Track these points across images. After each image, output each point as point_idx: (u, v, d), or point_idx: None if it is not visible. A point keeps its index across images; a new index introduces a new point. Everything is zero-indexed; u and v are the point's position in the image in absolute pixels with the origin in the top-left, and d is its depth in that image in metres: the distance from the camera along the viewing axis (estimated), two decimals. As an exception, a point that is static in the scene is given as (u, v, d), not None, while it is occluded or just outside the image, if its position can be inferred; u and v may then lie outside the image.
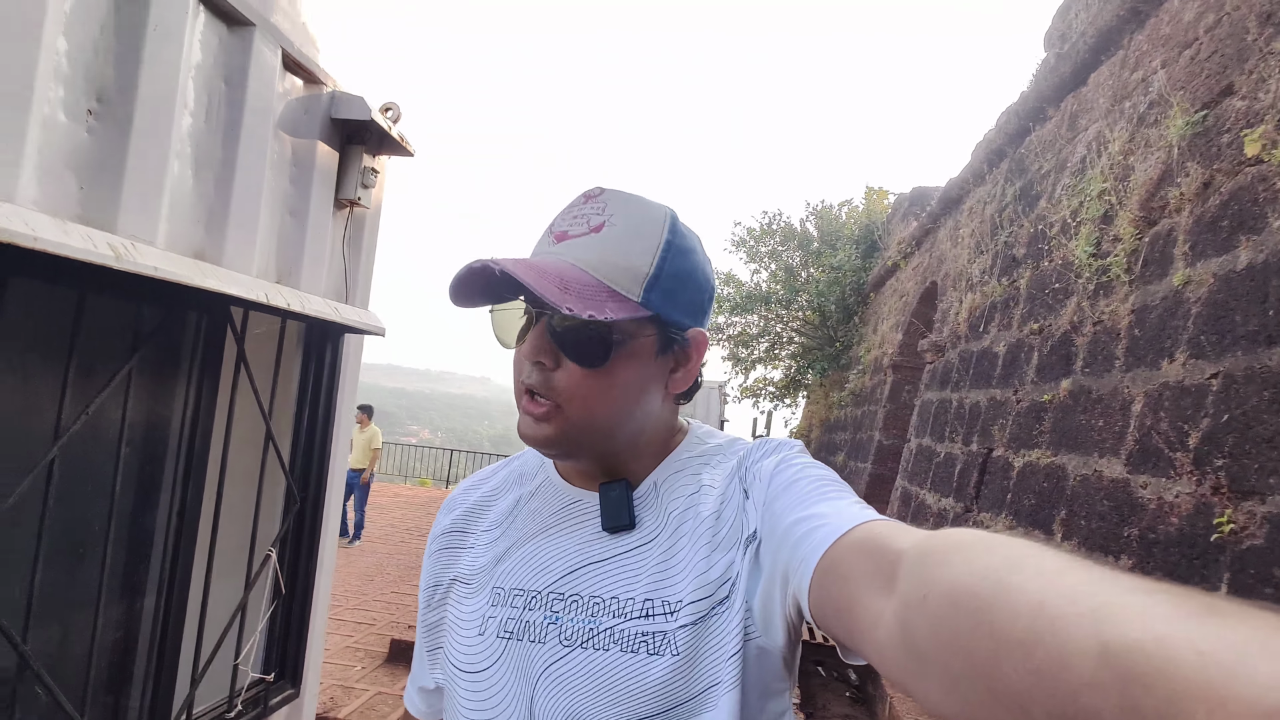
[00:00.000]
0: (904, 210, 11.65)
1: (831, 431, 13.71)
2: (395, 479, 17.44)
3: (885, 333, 10.84)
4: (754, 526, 0.68)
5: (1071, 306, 4.19)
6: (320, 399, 2.16)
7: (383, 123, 2.20)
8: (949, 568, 0.41)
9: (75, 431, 1.35)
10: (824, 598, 0.55)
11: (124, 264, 1.29)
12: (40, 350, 1.38)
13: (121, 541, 1.56)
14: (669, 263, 0.69)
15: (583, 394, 0.68)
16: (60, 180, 1.36)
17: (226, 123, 1.75)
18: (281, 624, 2.08)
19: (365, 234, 2.36)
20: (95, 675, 1.49)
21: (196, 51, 1.65)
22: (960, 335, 6.35)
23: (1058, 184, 4.98)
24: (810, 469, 0.69)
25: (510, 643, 0.70)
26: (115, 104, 1.45)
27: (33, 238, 1.12)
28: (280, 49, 1.88)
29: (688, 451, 0.78)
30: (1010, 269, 5.49)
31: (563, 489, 0.77)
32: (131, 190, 1.47)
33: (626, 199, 0.70)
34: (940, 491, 5.75)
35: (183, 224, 1.65)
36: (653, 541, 0.71)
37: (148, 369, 1.55)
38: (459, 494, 0.86)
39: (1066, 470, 3.75)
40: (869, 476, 9.82)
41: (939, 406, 6.55)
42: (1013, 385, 4.81)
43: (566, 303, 0.62)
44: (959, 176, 7.68)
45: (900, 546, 0.49)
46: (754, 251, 15.25)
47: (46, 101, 1.30)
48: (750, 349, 15.81)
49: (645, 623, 0.67)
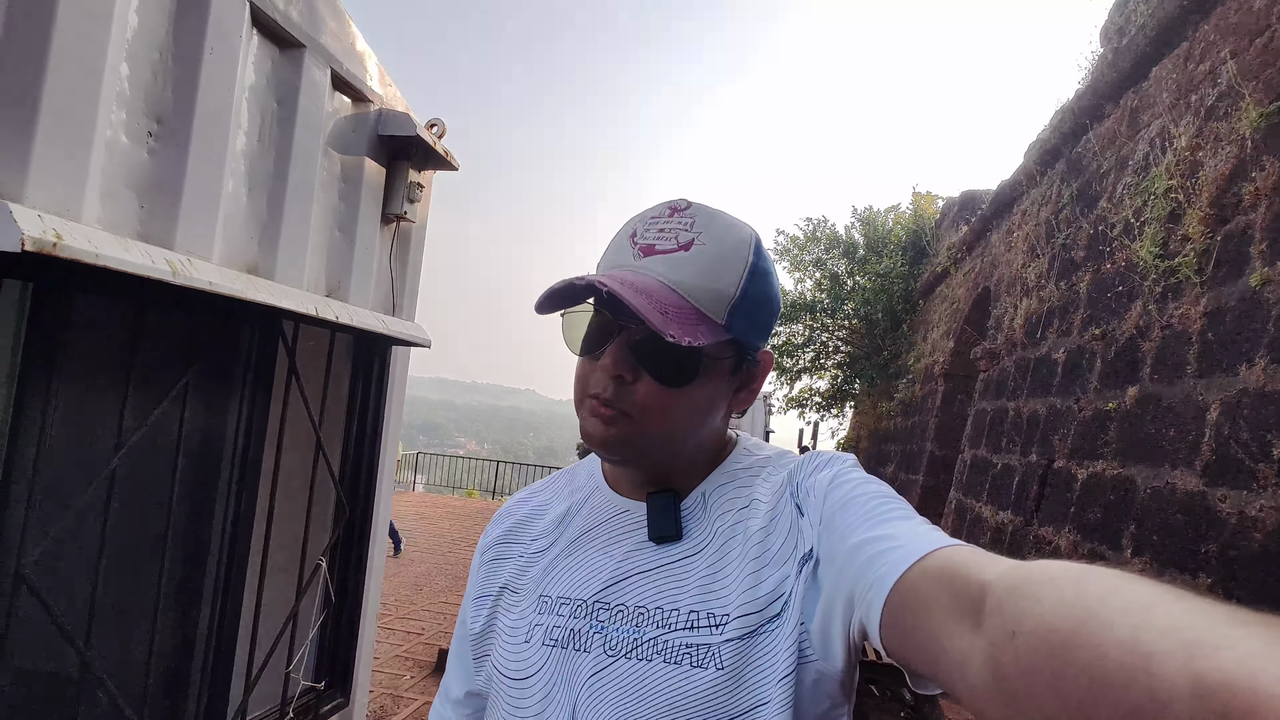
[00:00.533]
0: (953, 215, 11.36)
1: (881, 442, 13.39)
2: (443, 490, 17.73)
3: (936, 340, 10.55)
4: (810, 545, 0.66)
5: (1137, 310, 4.00)
6: (369, 410, 2.19)
7: (428, 138, 2.24)
8: (1038, 603, 0.40)
9: (135, 442, 1.39)
10: (900, 627, 0.53)
11: (181, 279, 1.33)
12: (102, 363, 1.43)
13: (179, 550, 1.60)
14: (751, 286, 0.69)
15: (658, 410, 0.68)
16: (122, 200, 1.41)
17: (278, 141, 1.80)
18: (331, 633, 2.11)
19: (411, 248, 2.40)
20: (154, 680, 1.52)
21: (250, 73, 1.71)
22: (1016, 342, 6.13)
23: (1119, 183, 4.77)
24: (866, 484, 0.67)
25: (555, 650, 0.70)
26: (174, 125, 1.50)
27: (95, 254, 1.16)
28: (329, 69, 1.93)
29: (736, 463, 0.77)
30: (1069, 272, 5.28)
31: (611, 499, 0.77)
32: (189, 208, 1.52)
33: (713, 216, 0.70)
34: (997, 504, 5.54)
35: (237, 240, 1.69)
36: (699, 553, 0.70)
37: (203, 381, 1.59)
38: (510, 506, 0.87)
39: (1135, 482, 3.55)
40: (921, 489, 9.53)
41: (994, 416, 6.32)
42: (1074, 393, 4.61)
43: (669, 329, 0.62)
44: (1011, 178, 7.45)
45: (985, 578, 0.47)
46: (797, 260, 15.05)
47: (109, 125, 1.36)
48: (795, 359, 15.58)
49: (690, 634, 0.66)
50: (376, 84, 2.15)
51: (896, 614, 0.53)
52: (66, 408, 1.31)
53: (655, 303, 0.63)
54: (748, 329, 0.70)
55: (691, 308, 0.66)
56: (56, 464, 1.29)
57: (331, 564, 2.07)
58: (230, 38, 1.60)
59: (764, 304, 0.71)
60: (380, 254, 2.25)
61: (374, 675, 4.25)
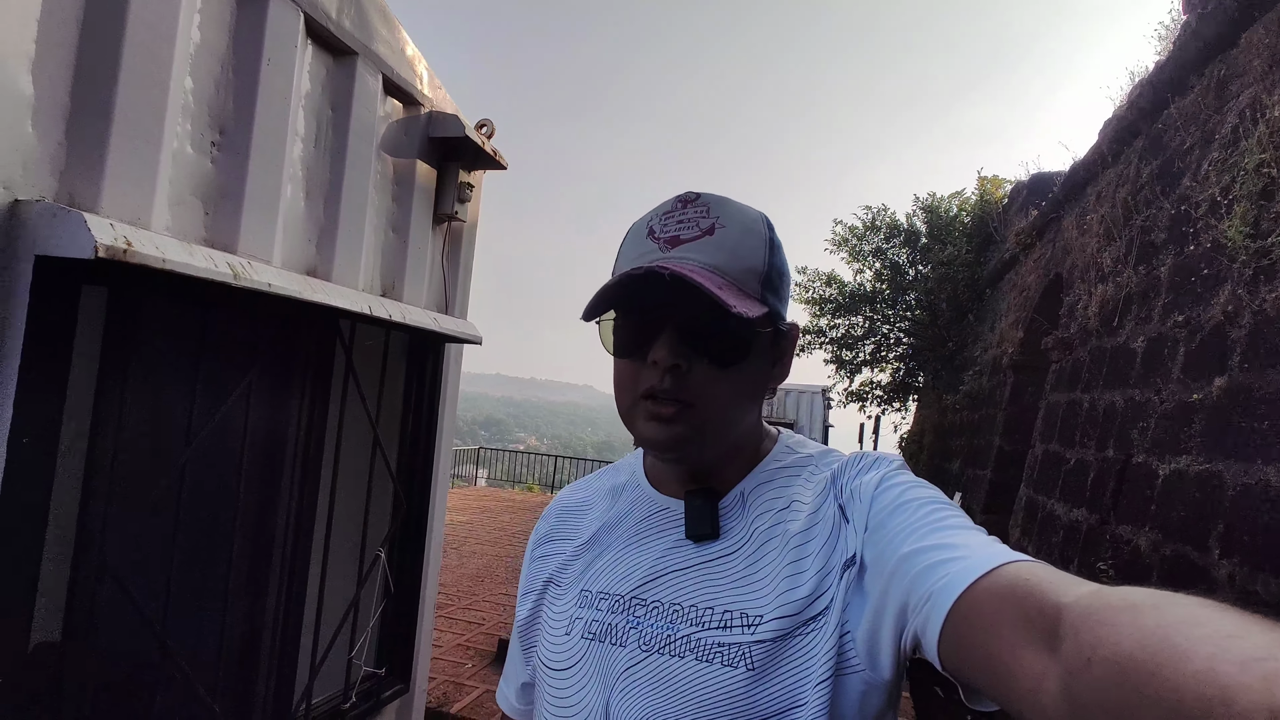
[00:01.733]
0: (1022, 199, 10.86)
1: (946, 437, 12.96)
2: (504, 484, 18.11)
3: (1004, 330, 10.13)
4: (854, 551, 0.65)
5: (1225, 295, 3.73)
6: (424, 405, 2.25)
7: (476, 139, 2.28)
8: (1115, 630, 0.40)
9: (202, 439, 1.46)
10: (962, 644, 0.52)
11: (242, 281, 1.39)
12: (172, 365, 1.51)
13: (246, 542, 1.68)
14: (774, 259, 0.71)
15: (717, 392, 0.68)
16: (189, 207, 1.48)
17: (334, 147, 1.86)
18: (392, 621, 2.18)
19: (463, 247, 2.44)
20: (225, 664, 1.60)
21: (306, 82, 1.77)
22: (1091, 331, 5.82)
23: (1204, 159, 4.46)
24: (916, 489, 0.66)
25: (593, 644, 0.71)
26: (235, 135, 1.57)
27: (162, 259, 1.23)
28: (381, 75, 1.99)
29: (776, 461, 0.76)
30: (1148, 256, 4.97)
31: (652, 496, 0.78)
32: (250, 213, 1.59)
33: (725, 201, 0.71)
34: (1071, 501, 5.28)
35: (296, 243, 1.76)
36: (736, 553, 0.70)
37: (266, 380, 1.66)
38: (556, 503, 0.89)
39: (1224, 479, 3.32)
40: (989, 484, 9.18)
41: (1067, 409, 6.02)
42: (1154, 384, 4.34)
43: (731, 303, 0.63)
44: (1085, 159, 7.07)
45: (1060, 600, 0.46)
46: (856, 250, 14.68)
47: (175, 136, 1.43)
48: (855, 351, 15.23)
49: (722, 634, 0.66)
50: (426, 87, 2.20)
51: (959, 630, 0.52)
52: (140, 408, 1.39)
53: (710, 281, 0.64)
54: (778, 301, 0.72)
55: (732, 286, 0.67)
56: (132, 461, 1.37)
57: (390, 555, 2.14)
58: (286, 48, 1.66)
59: (785, 276, 0.73)
60: (433, 254, 2.30)
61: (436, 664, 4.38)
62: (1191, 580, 3.35)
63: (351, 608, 1.97)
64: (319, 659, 1.84)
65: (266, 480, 1.72)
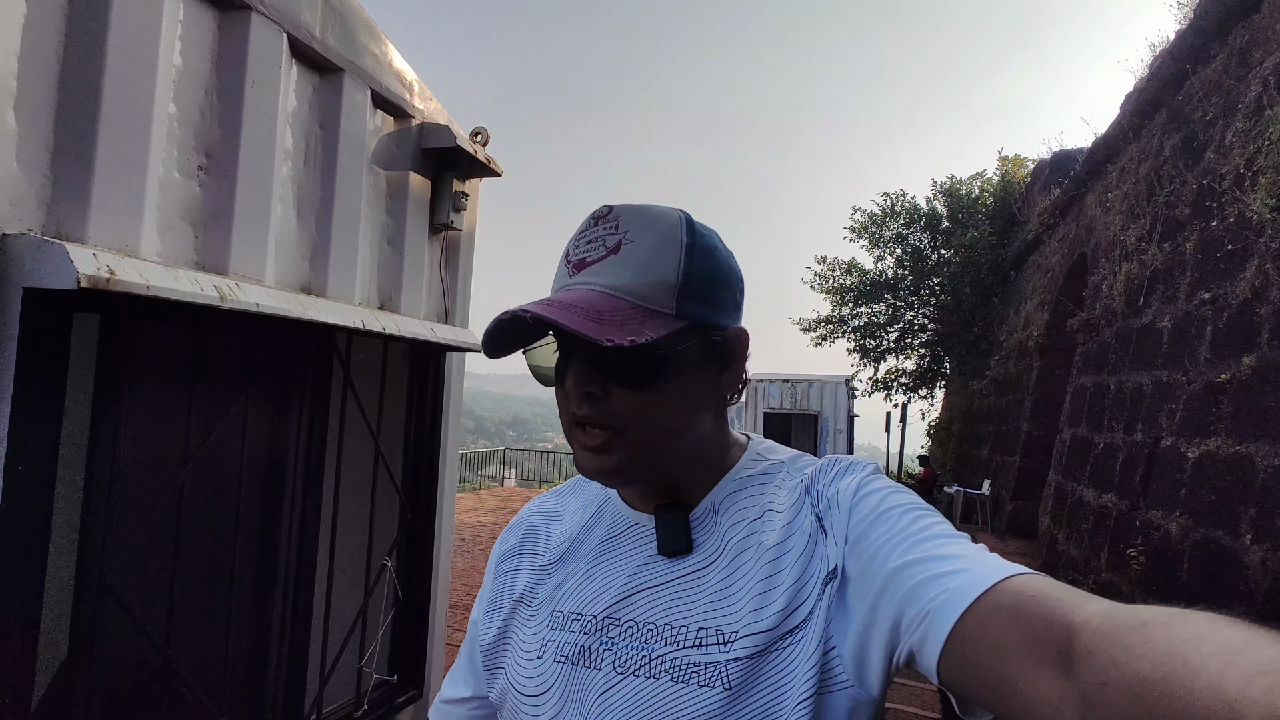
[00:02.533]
0: (1044, 178, 10.61)
1: (974, 423, 12.74)
2: (533, 484, 18.25)
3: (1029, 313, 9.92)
4: (834, 563, 0.63)
5: (1252, 270, 3.61)
6: (426, 414, 2.27)
7: (469, 148, 2.29)
8: (1127, 650, 0.40)
9: (200, 457, 1.49)
10: (968, 665, 0.51)
11: (229, 303, 1.41)
12: (167, 385, 1.54)
13: (250, 555, 1.71)
14: (695, 266, 0.67)
15: (638, 415, 0.66)
16: (178, 232, 1.51)
17: (324, 164, 1.88)
18: (402, 628, 2.21)
19: (461, 255, 2.46)
20: (233, 675, 1.64)
21: (292, 100, 1.79)
22: (1116, 311, 5.67)
23: (1227, 130, 4.31)
24: (895, 495, 0.65)
25: (566, 667, 0.70)
26: (221, 158, 1.60)
27: (146, 286, 1.25)
28: (369, 89, 2.00)
29: (746, 469, 0.74)
30: (1173, 232, 4.83)
31: (623, 512, 0.76)
32: (241, 235, 1.61)
33: (638, 212, 0.68)
34: (1100, 487, 5.16)
35: (289, 261, 1.79)
36: (709, 567, 0.68)
37: (263, 396, 1.69)
38: (526, 514, 0.87)
39: (1255, 461, 3.22)
40: (1018, 471, 9.02)
41: (1094, 392, 5.88)
42: (1182, 365, 4.22)
43: (605, 334, 0.61)
44: (1106, 134, 6.88)
45: (1071, 619, 0.46)
46: (876, 237, 14.49)
47: (161, 163, 1.46)
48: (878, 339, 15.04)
49: (698, 652, 0.64)
50: (417, 99, 2.21)
51: (964, 650, 0.51)
52: (136, 428, 1.42)
53: (587, 313, 0.62)
54: (705, 310, 0.67)
55: (634, 307, 0.64)
56: (130, 480, 1.40)
57: (398, 563, 2.17)
58: (270, 69, 1.68)
59: (714, 280, 0.68)
60: (430, 264, 2.32)
61: (460, 665, 4.42)
62: (1223, 566, 3.26)
63: (360, 616, 2.00)
64: (328, 668, 1.87)
65: (268, 495, 1.75)
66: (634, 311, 0.64)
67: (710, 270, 0.68)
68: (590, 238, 0.68)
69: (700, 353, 0.68)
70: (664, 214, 0.68)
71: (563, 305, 0.63)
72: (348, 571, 2.01)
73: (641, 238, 0.66)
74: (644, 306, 0.65)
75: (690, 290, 0.66)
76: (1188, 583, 3.57)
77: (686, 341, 0.67)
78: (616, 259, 0.66)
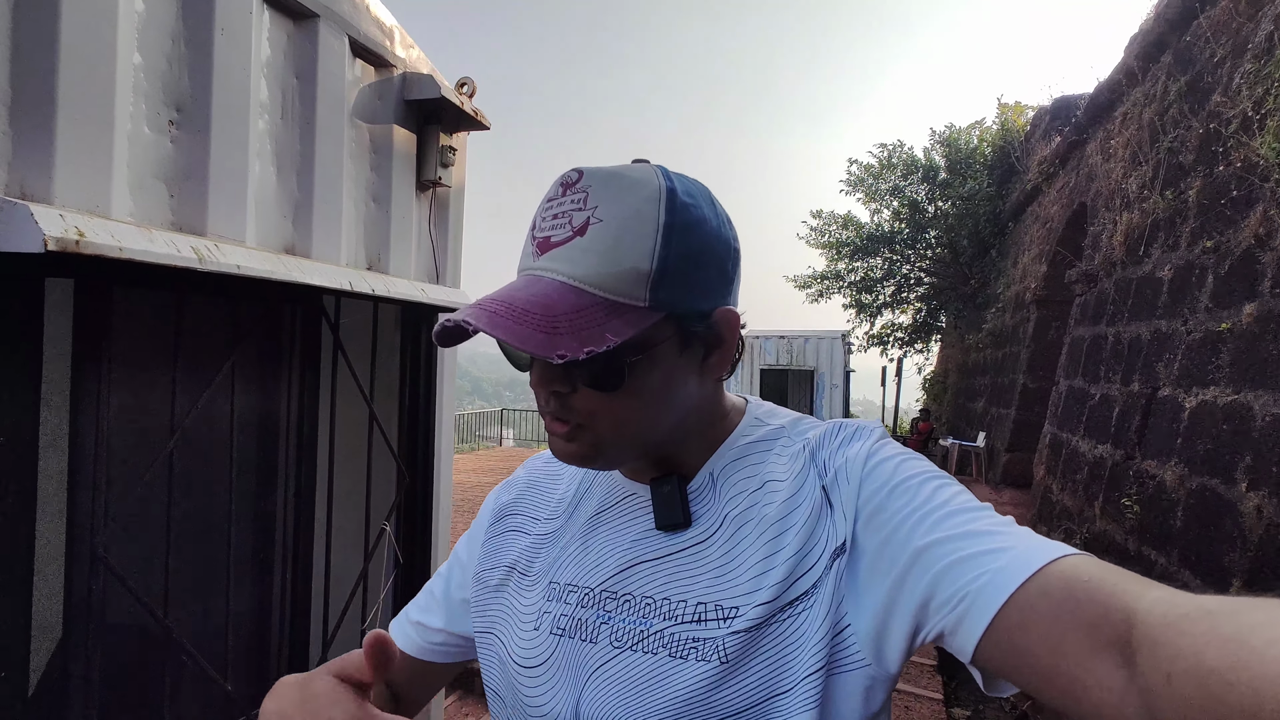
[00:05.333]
0: (1045, 125, 10.42)
1: (969, 376, 12.79)
2: (531, 444, 18.36)
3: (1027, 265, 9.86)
4: (843, 537, 0.60)
5: (1256, 217, 3.55)
6: (420, 376, 2.23)
7: (455, 100, 2.19)
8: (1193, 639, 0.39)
9: (188, 425, 1.45)
10: (1017, 651, 0.50)
11: (208, 265, 1.35)
12: (150, 351, 1.49)
13: (246, 523, 1.69)
14: (673, 248, 0.59)
15: (606, 416, 0.62)
16: (151, 191, 1.44)
17: (302, 117, 1.80)
18: (403, 593, 2.21)
19: (450, 213, 2.38)
20: (235, 642, 1.63)
21: (265, 49, 1.69)
22: (1116, 261, 5.62)
23: (1235, 72, 4.20)
24: (909, 463, 0.61)
25: (563, 640, 0.68)
26: (194, 112, 1.51)
27: (119, 248, 1.19)
28: (347, 36, 1.90)
29: (745, 436, 0.70)
30: (1176, 179, 4.74)
31: (619, 482, 0.73)
32: (218, 193, 1.54)
33: (609, 180, 0.60)
34: (1095, 438, 5.19)
35: (270, 221, 1.72)
36: (709, 540, 0.65)
37: (250, 362, 1.65)
38: (521, 473, 0.84)
39: (1253, 410, 3.22)
40: (1013, 423, 9.08)
41: (1092, 343, 5.87)
42: (1181, 314, 4.19)
43: (558, 349, 0.54)
44: (1109, 79, 6.72)
45: (1130, 606, 0.45)
46: (873, 190, 14.31)
47: (129, 117, 1.38)
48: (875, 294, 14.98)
49: (696, 628, 0.62)
50: (398, 47, 2.11)
51: (1011, 636, 0.49)
52: (120, 396, 1.38)
53: (539, 320, 0.56)
54: (685, 296, 0.61)
55: (600, 301, 0.58)
56: (117, 450, 1.36)
57: (397, 528, 2.15)
58: (240, 15, 1.59)
59: (698, 260, 0.61)
60: (419, 222, 2.24)
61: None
62: (1217, 513, 3.28)
63: (360, 580, 1.99)
64: (331, 633, 1.87)
65: (261, 462, 1.72)
66: (597, 310, 0.57)
67: (692, 249, 0.60)
68: (557, 210, 0.61)
69: (678, 343, 0.62)
70: (640, 183, 0.60)
71: (512, 311, 0.57)
72: (347, 536, 1.99)
73: (612, 216, 0.58)
74: (611, 300, 0.58)
75: (667, 277, 0.59)
76: (1181, 530, 3.60)
77: (661, 335, 0.61)
78: (582, 243, 0.58)
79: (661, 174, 0.61)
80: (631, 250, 0.58)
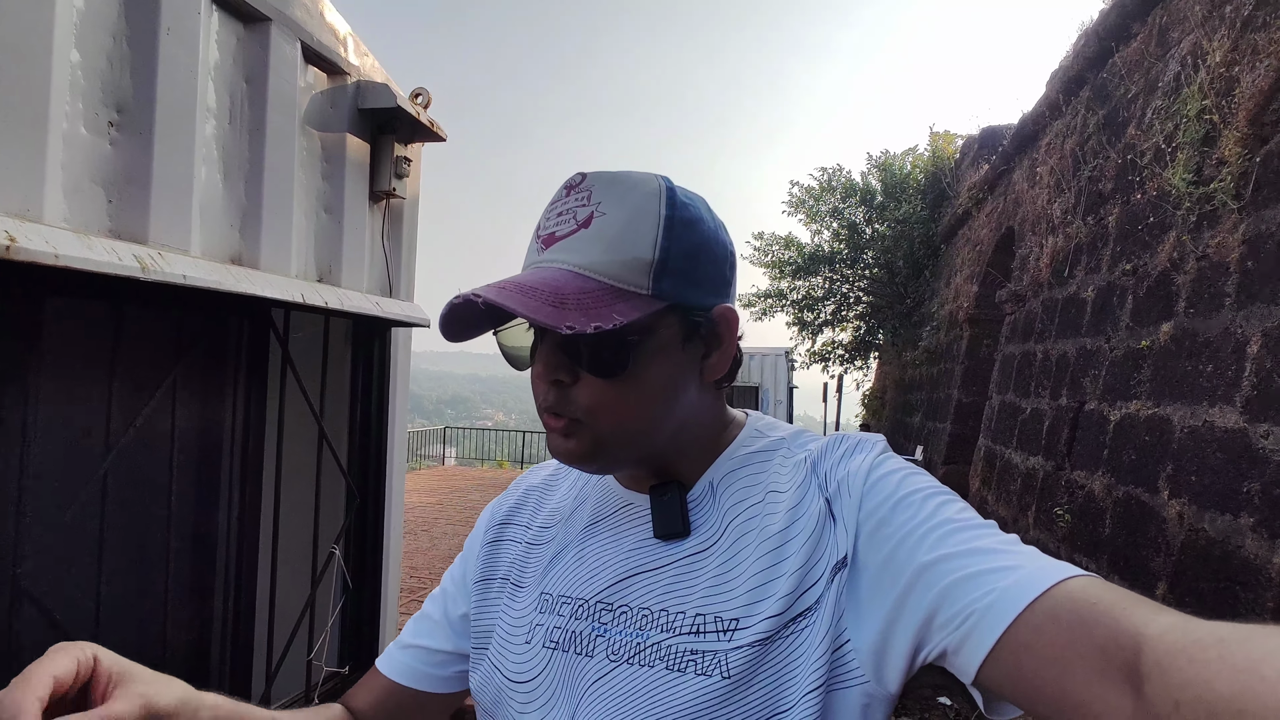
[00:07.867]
0: (974, 153, 10.96)
1: (907, 392, 13.22)
2: (474, 463, 17.98)
3: (959, 285, 10.30)
4: (844, 551, 0.59)
5: (1170, 242, 3.81)
6: (372, 393, 2.16)
7: (411, 110, 2.15)
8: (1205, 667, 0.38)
9: (126, 443, 1.36)
10: (1023, 673, 0.49)
11: (151, 274, 1.28)
12: (83, 364, 1.40)
13: (185, 545, 1.59)
14: (674, 241, 0.61)
15: (607, 405, 0.62)
16: (88, 195, 1.36)
17: (251, 123, 1.73)
18: (353, 617, 2.11)
19: (404, 225, 2.33)
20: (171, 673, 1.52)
21: (214, 51, 1.63)
22: (1042, 282, 5.93)
23: (1147, 108, 4.51)
24: (912, 478, 0.61)
25: (556, 653, 0.66)
26: (135, 113, 1.44)
27: (54, 255, 1.12)
28: (299, 42, 1.85)
29: (745, 447, 0.70)
30: (1096, 206, 5.05)
31: (615, 490, 0.72)
32: (160, 199, 1.47)
33: (612, 181, 0.62)
34: (1028, 450, 5.43)
35: (216, 229, 1.64)
36: (708, 550, 0.64)
37: (194, 376, 1.56)
38: (517, 483, 0.83)
39: (1171, 422, 3.43)
40: (949, 437, 9.42)
41: (1022, 360, 6.16)
42: (1105, 333, 4.44)
43: (566, 320, 0.55)
44: (1033, 111, 7.13)
45: (1140, 630, 0.44)
46: (814, 211, 14.72)
47: (65, 116, 1.30)
48: (816, 312, 15.37)
49: (695, 640, 0.60)
50: (352, 55, 2.06)
51: (1017, 657, 0.49)
52: (48, 412, 1.28)
53: (548, 296, 0.57)
54: (686, 289, 0.62)
55: (605, 287, 0.59)
56: (45, 470, 1.26)
57: (347, 550, 2.07)
58: (188, 15, 1.52)
59: (698, 255, 0.63)
60: (371, 234, 2.19)
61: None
62: (1142, 520, 3.47)
63: (307, 607, 1.90)
64: (275, 663, 1.77)
65: (203, 481, 1.63)
66: (604, 293, 0.59)
67: (692, 245, 0.62)
68: (561, 209, 0.62)
69: (680, 336, 0.63)
70: (641, 182, 0.62)
71: (521, 288, 0.57)
72: (293, 560, 1.90)
73: (615, 210, 0.60)
74: (616, 287, 0.59)
75: (668, 267, 0.60)
76: (1110, 537, 3.79)
77: (664, 324, 0.62)
78: (587, 234, 0.60)
79: (661, 177, 0.64)
80: (635, 240, 0.60)
